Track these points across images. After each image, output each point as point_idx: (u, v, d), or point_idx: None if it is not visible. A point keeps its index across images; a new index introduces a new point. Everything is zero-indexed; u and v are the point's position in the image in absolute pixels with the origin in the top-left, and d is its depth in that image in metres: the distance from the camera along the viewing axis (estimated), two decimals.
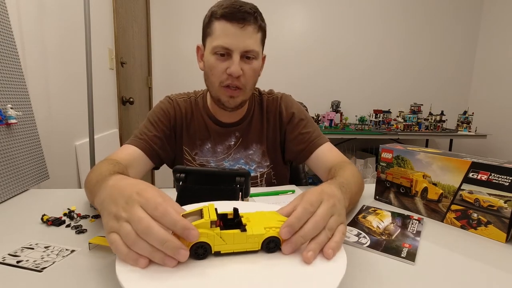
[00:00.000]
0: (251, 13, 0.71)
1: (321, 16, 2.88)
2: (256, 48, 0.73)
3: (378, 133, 2.51)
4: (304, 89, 2.92)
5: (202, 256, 0.35)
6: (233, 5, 0.70)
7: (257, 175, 0.87)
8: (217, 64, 0.72)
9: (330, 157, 0.79)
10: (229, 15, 0.69)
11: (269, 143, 0.87)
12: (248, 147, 0.86)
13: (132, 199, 0.36)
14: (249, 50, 0.72)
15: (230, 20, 0.69)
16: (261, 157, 0.87)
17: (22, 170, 0.76)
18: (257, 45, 0.74)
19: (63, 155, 1.33)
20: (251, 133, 0.86)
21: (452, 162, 0.58)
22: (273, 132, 0.87)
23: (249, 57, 0.73)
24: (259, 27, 0.73)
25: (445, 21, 3.01)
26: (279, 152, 0.89)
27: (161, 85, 2.70)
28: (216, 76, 0.74)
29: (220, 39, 0.70)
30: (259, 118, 0.87)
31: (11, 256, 0.43)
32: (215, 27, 0.71)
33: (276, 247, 0.37)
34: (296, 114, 0.86)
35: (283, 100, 0.88)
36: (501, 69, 2.85)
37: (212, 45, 0.72)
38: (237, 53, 0.71)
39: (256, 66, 0.75)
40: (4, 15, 0.80)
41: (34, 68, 1.12)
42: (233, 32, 0.70)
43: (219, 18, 0.70)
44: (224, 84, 0.74)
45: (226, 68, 0.72)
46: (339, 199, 0.44)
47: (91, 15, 1.30)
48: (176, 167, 0.57)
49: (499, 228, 0.52)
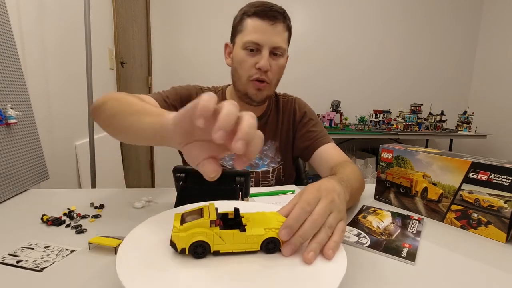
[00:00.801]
0: (281, 12, 0.76)
1: (321, 16, 2.88)
2: (284, 45, 0.78)
3: (378, 133, 2.51)
4: (304, 89, 2.92)
5: (201, 255, 0.35)
6: (265, 4, 0.76)
7: (269, 170, 0.90)
8: (247, 59, 0.77)
9: (333, 156, 0.81)
10: (261, 12, 0.74)
11: (283, 140, 0.91)
12: (264, 143, 0.87)
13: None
14: (277, 47, 0.76)
15: (262, 17, 0.74)
16: (274, 152, 0.91)
17: (22, 170, 0.76)
18: (284, 42, 0.78)
19: (63, 155, 1.33)
20: (267, 130, 0.89)
21: (452, 162, 0.58)
22: (287, 131, 0.91)
23: (276, 53, 0.77)
24: (287, 26, 0.79)
25: (445, 21, 3.01)
26: (290, 150, 0.93)
27: (161, 85, 2.70)
28: (245, 70, 0.77)
29: (252, 35, 0.75)
30: (275, 117, 0.91)
31: (11, 256, 0.43)
32: (247, 23, 0.76)
33: (275, 248, 0.37)
34: (307, 113, 0.92)
35: (297, 102, 0.94)
36: (501, 69, 2.85)
37: (243, 40, 0.76)
38: (266, 49, 0.75)
39: (282, 63, 0.80)
40: (4, 15, 0.80)
41: (34, 68, 1.12)
42: (264, 28, 0.74)
43: (251, 15, 0.75)
44: (253, 78, 0.77)
45: (255, 63, 0.76)
46: (339, 193, 0.43)
47: (91, 15, 1.30)
48: (176, 167, 0.57)
49: (499, 228, 0.52)
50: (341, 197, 0.44)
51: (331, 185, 0.44)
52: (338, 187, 0.45)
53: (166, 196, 0.68)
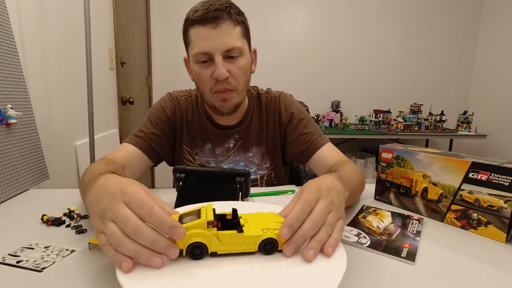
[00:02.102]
0: (223, 9, 0.67)
1: (321, 16, 2.88)
2: (238, 44, 0.69)
3: (378, 133, 2.51)
4: (304, 89, 2.92)
5: (198, 256, 0.35)
6: (203, 6, 0.67)
7: (257, 178, 0.86)
8: (202, 72, 0.70)
9: (331, 158, 0.78)
10: (200, 18, 0.66)
11: (269, 144, 0.86)
12: (248, 149, 0.85)
13: (116, 197, 0.35)
14: (229, 49, 0.68)
15: (202, 23, 0.67)
16: (260, 159, 0.86)
17: (22, 170, 0.76)
18: (237, 40, 0.69)
19: (63, 155, 1.33)
20: (251, 135, 0.85)
21: (452, 162, 0.58)
22: (273, 134, 0.85)
23: (232, 56, 0.70)
24: (235, 21, 0.69)
25: (445, 21, 3.01)
26: (279, 153, 0.87)
27: (161, 85, 2.70)
28: (204, 84, 0.72)
29: (198, 46, 0.68)
30: (258, 120, 0.85)
31: (11, 256, 0.43)
32: (191, 34, 0.69)
33: (273, 249, 0.37)
34: (295, 114, 0.84)
35: (281, 99, 0.86)
36: (501, 69, 2.85)
37: (192, 53, 0.70)
38: (218, 55, 0.68)
39: (243, 63, 0.72)
40: (4, 15, 0.80)
41: (34, 68, 1.12)
42: (208, 35, 0.67)
43: (192, 24, 0.68)
44: (214, 90, 0.71)
45: (212, 73, 0.69)
46: (338, 191, 0.43)
47: (91, 15, 1.30)
48: (176, 167, 0.57)
49: (499, 228, 0.52)
50: (340, 195, 0.43)
51: (330, 182, 0.44)
52: (338, 184, 0.45)
53: (166, 196, 0.67)
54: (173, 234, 0.33)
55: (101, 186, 0.39)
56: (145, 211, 0.33)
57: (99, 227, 0.35)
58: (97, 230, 0.35)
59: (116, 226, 0.33)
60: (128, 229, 0.33)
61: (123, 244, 0.32)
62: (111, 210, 0.34)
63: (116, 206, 0.34)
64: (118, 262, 0.32)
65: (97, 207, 0.36)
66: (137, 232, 0.32)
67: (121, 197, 0.35)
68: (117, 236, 0.32)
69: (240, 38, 0.70)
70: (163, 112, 0.83)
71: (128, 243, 0.32)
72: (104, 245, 0.34)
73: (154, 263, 0.32)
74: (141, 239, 0.32)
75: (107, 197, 0.35)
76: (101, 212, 0.35)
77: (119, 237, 0.32)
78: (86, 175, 0.53)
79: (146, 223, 0.33)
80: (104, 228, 0.34)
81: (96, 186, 0.40)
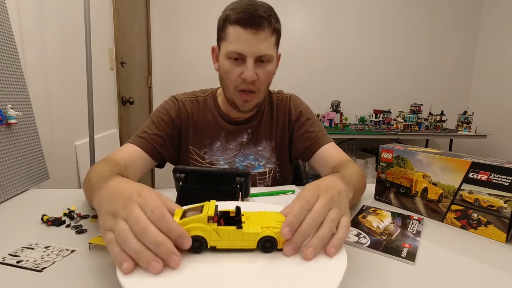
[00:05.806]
0: (265, 17, 0.70)
1: (321, 16, 2.88)
2: (270, 52, 0.73)
3: (378, 133, 2.51)
4: (304, 89, 2.92)
5: (197, 249, 0.36)
6: (247, 8, 0.69)
7: (266, 171, 0.88)
8: (231, 69, 0.73)
9: (334, 156, 0.80)
10: (242, 20, 0.69)
11: (278, 140, 0.89)
12: (258, 143, 0.88)
13: (132, 199, 0.36)
14: (263, 55, 0.72)
15: (244, 25, 0.69)
16: (270, 153, 0.89)
17: (22, 170, 0.76)
18: (271, 48, 0.73)
19: (63, 155, 1.33)
20: (262, 130, 0.88)
21: (452, 162, 0.58)
22: (282, 130, 0.89)
23: (263, 60, 0.73)
24: (273, 30, 0.73)
25: (445, 21, 3.01)
26: (286, 151, 0.91)
27: (161, 85, 2.70)
28: (231, 81, 0.74)
29: (234, 45, 0.71)
30: (269, 116, 0.89)
31: (11, 256, 0.43)
32: (229, 32, 0.71)
33: (272, 247, 0.37)
34: (304, 113, 0.88)
35: (292, 99, 0.91)
36: (501, 69, 2.85)
37: (226, 49, 0.72)
38: (251, 58, 0.71)
39: (270, 69, 0.75)
40: (4, 15, 0.80)
41: (34, 68, 1.12)
42: (247, 38, 0.69)
43: (233, 23, 0.70)
44: (239, 88, 0.74)
45: (241, 72, 0.72)
46: (340, 191, 0.43)
47: (91, 15, 1.30)
48: (176, 167, 0.57)
49: (499, 228, 0.52)
50: (342, 194, 0.43)
51: (331, 182, 0.44)
52: (340, 184, 0.45)
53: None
54: (180, 243, 0.34)
55: (114, 188, 0.40)
56: (156, 216, 0.34)
57: (108, 225, 0.35)
58: (106, 228, 0.35)
59: (127, 224, 0.34)
60: (137, 228, 0.33)
61: (128, 241, 0.33)
62: (125, 210, 0.35)
63: (131, 207, 0.35)
64: (119, 262, 0.32)
65: (110, 206, 0.37)
66: (144, 231, 0.33)
67: (136, 200, 0.36)
68: (125, 233, 0.33)
69: (273, 47, 0.74)
70: (167, 114, 0.83)
71: (132, 241, 0.33)
72: (110, 243, 0.34)
73: (152, 267, 0.32)
74: (146, 239, 0.33)
75: (122, 199, 0.37)
76: (114, 211, 0.36)
77: (126, 234, 0.33)
78: (92, 176, 0.53)
79: (155, 227, 0.34)
80: (114, 225, 0.34)
81: (108, 188, 0.41)
